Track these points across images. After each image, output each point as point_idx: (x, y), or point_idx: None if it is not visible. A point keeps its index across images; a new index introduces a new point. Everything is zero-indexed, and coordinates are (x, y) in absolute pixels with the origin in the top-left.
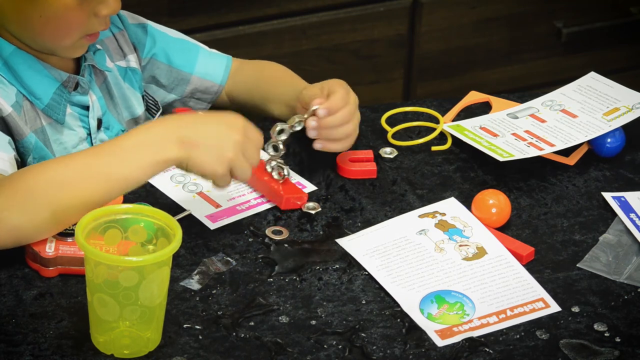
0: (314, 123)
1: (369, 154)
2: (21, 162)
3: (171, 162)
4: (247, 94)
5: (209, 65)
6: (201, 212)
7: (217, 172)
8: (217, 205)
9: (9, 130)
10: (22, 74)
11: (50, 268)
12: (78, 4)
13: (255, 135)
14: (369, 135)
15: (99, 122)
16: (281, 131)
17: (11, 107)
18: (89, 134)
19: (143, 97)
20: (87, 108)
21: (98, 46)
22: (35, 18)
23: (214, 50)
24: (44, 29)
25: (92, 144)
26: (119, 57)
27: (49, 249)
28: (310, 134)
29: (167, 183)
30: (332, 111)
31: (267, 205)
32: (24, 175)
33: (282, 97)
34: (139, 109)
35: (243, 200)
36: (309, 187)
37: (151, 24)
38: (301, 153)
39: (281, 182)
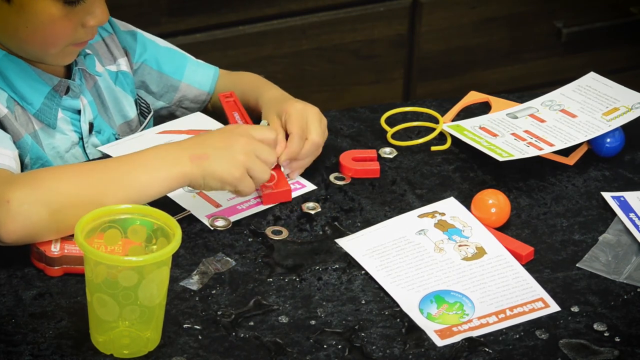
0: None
1: (372, 153)
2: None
3: (186, 177)
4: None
5: (198, 74)
6: (201, 212)
7: (234, 175)
8: (217, 205)
9: (5, 131)
10: (12, 79)
11: (56, 267)
12: (64, 14)
13: (263, 135)
14: (369, 135)
15: (91, 126)
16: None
17: (7, 109)
18: (81, 138)
19: (135, 100)
20: (78, 112)
21: (88, 51)
22: (21, 28)
23: (201, 61)
24: (31, 38)
25: (84, 148)
26: (109, 61)
27: (55, 248)
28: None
29: None
30: (293, 159)
31: (268, 204)
32: (46, 173)
33: (246, 104)
34: (132, 113)
35: (243, 199)
36: (309, 187)
37: (140, 32)
38: None
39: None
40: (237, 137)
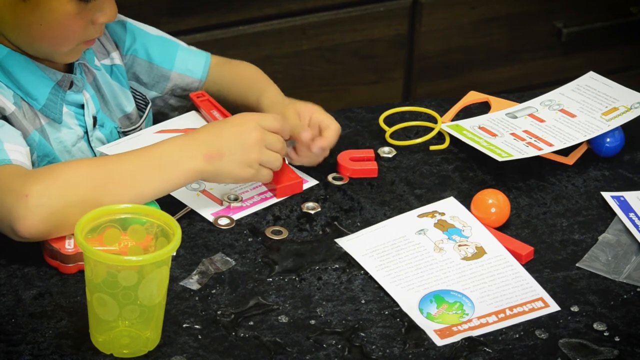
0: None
1: (370, 153)
2: None
3: (198, 174)
4: (221, 92)
5: (189, 61)
6: (205, 210)
7: (248, 174)
8: (222, 203)
9: None
10: (17, 76)
11: (71, 265)
12: (77, 12)
13: (271, 124)
14: (366, 135)
15: (94, 120)
16: None
17: (14, 106)
18: (86, 132)
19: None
20: (81, 106)
21: None
22: (34, 25)
23: (192, 47)
24: (43, 35)
25: (89, 142)
26: (103, 56)
27: (69, 246)
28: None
29: None
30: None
31: (272, 201)
32: (63, 167)
33: (246, 100)
34: (129, 106)
35: (247, 197)
36: (312, 181)
37: (130, 21)
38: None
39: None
40: (250, 132)
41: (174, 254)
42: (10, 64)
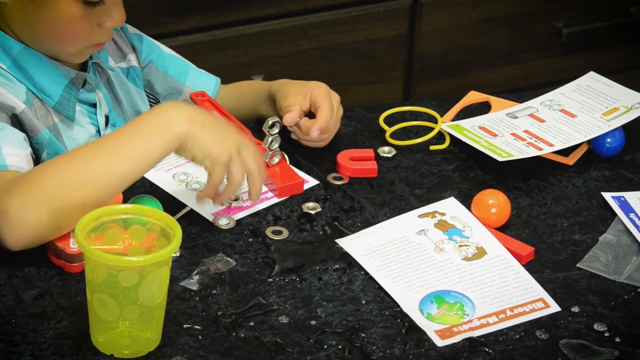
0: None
1: (370, 152)
2: (36, 158)
3: (180, 137)
4: (233, 106)
5: (200, 80)
6: (205, 209)
7: (219, 155)
8: (222, 203)
9: (22, 127)
10: (31, 72)
11: (75, 264)
12: (83, 14)
13: (250, 143)
14: (366, 135)
15: (107, 119)
16: (273, 125)
17: (24, 104)
18: (98, 131)
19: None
20: (93, 106)
21: None
22: (40, 24)
23: (202, 70)
24: (49, 35)
25: None
26: (119, 58)
27: (74, 245)
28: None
29: (170, 182)
30: (324, 131)
31: (272, 201)
32: (38, 173)
33: (258, 97)
34: (144, 108)
35: (247, 197)
36: (311, 182)
37: (146, 36)
38: (299, 154)
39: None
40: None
41: (175, 254)
42: (24, 60)
